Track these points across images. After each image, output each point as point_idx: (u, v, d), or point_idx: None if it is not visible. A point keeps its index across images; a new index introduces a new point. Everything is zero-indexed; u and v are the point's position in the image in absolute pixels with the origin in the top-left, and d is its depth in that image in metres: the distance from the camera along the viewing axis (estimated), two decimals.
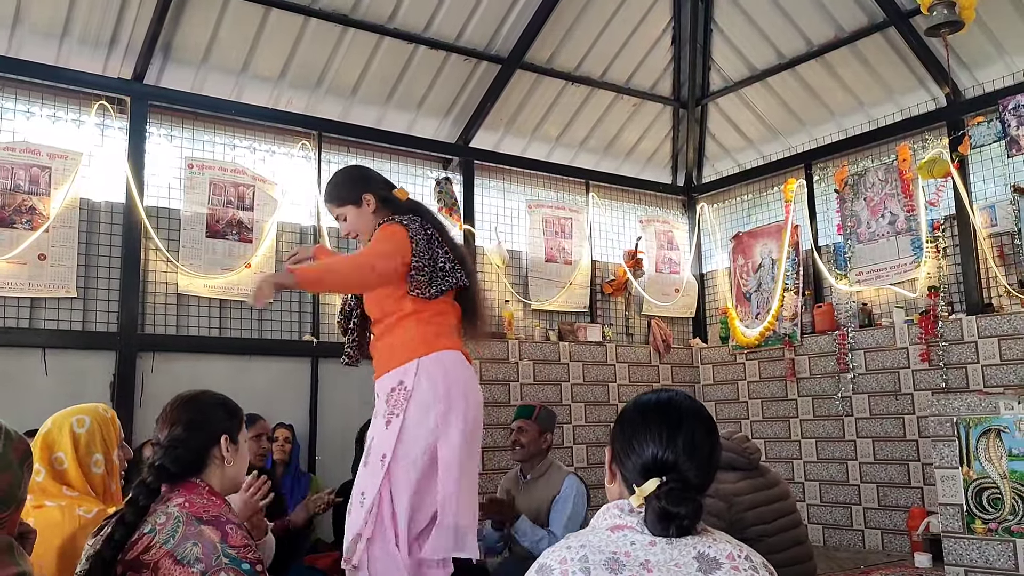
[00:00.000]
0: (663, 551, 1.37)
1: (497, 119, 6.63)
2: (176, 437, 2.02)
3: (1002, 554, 4.11)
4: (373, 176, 3.12)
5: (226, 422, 2.11)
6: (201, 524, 1.85)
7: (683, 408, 1.50)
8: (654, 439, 1.45)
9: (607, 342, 6.99)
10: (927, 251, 6.04)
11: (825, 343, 6.54)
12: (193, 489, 1.97)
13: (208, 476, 2.04)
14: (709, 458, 1.47)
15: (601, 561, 1.35)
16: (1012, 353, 5.47)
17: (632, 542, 1.38)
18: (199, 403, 2.12)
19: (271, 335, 5.61)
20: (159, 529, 1.84)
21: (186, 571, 1.77)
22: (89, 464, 2.40)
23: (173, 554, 1.79)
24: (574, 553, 1.37)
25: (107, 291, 5.08)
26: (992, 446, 4.18)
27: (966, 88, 6.01)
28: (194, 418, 2.06)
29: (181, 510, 1.88)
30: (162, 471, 1.96)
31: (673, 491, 1.39)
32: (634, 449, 1.47)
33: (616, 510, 1.44)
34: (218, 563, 1.79)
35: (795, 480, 6.63)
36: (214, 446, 2.05)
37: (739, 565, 1.38)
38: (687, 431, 1.45)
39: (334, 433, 5.56)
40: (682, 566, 1.35)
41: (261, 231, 5.61)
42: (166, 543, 1.81)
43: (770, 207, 7.31)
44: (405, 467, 2.67)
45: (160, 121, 5.41)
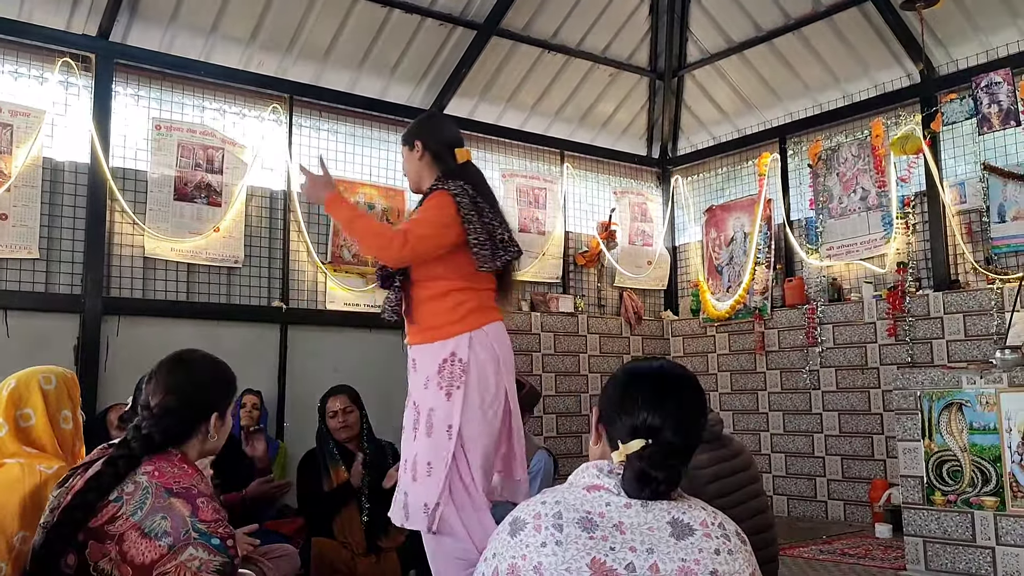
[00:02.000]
0: (637, 514, 1.37)
1: (472, 86, 6.56)
2: (168, 407, 1.93)
3: (960, 525, 4.19)
4: (438, 127, 3.09)
5: (221, 397, 2.03)
6: (171, 496, 1.78)
7: (675, 376, 1.52)
8: (644, 404, 1.46)
9: (579, 313, 7.00)
10: (897, 227, 6.09)
11: (795, 317, 6.59)
12: (165, 457, 1.89)
13: (188, 447, 1.96)
14: (695, 427, 1.48)
15: (575, 519, 1.35)
16: (976, 329, 5.55)
17: (607, 503, 1.39)
18: (198, 373, 2.02)
19: (240, 300, 5.55)
20: (126, 499, 1.78)
21: (152, 544, 1.71)
22: (59, 420, 2.42)
23: (140, 527, 1.73)
24: (548, 509, 1.38)
25: (71, 253, 4.99)
26: (954, 420, 4.24)
27: (940, 65, 6.03)
28: (191, 391, 1.97)
29: (150, 480, 1.81)
30: (149, 440, 1.87)
31: (655, 454, 1.40)
32: (624, 411, 1.48)
33: (594, 470, 1.45)
34: (187, 537, 1.73)
35: (761, 452, 6.70)
36: (204, 422, 1.98)
37: (712, 532, 1.38)
38: (676, 399, 1.47)
39: (302, 400, 5.52)
40: (655, 530, 1.36)
41: (230, 195, 5.52)
42: (133, 515, 1.75)
43: (744, 181, 7.33)
44: (475, 434, 2.77)
45: (127, 80, 5.29)
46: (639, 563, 1.31)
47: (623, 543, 1.33)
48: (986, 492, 4.11)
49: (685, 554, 1.33)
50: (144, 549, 1.71)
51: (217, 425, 2.00)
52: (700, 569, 1.32)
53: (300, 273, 5.81)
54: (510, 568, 1.34)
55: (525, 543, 1.35)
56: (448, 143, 3.02)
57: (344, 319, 5.89)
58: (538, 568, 1.31)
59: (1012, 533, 4.02)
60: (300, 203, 5.80)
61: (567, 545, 1.32)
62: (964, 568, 4.15)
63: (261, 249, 5.67)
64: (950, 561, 4.21)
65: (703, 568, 1.33)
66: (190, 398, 1.95)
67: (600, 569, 1.30)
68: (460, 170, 2.96)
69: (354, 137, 6.20)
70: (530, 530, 1.36)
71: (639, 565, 1.31)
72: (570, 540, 1.33)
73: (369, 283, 5.97)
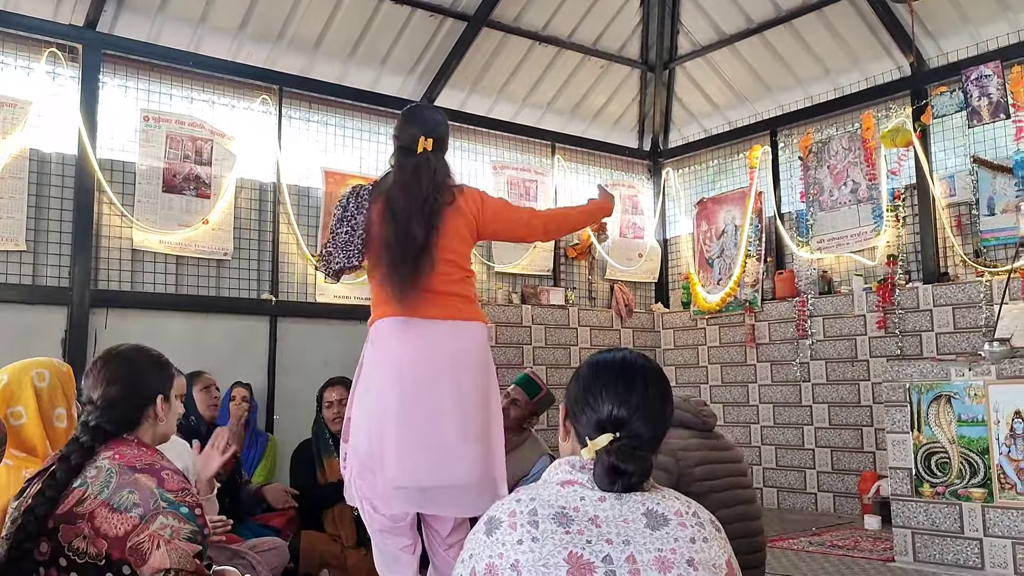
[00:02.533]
0: (612, 507, 1.37)
1: (463, 78, 6.54)
2: (113, 397, 1.94)
3: (948, 516, 4.21)
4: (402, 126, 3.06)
5: (162, 381, 2.05)
6: (135, 472, 1.81)
7: (638, 367, 1.51)
8: (609, 396, 1.45)
9: (569, 305, 7.00)
10: (887, 220, 6.10)
11: (785, 309, 6.60)
12: (122, 443, 1.92)
13: (140, 433, 1.98)
14: (661, 417, 1.48)
15: (550, 515, 1.35)
16: (965, 322, 5.57)
17: (582, 497, 1.38)
18: (134, 361, 2.04)
19: (229, 293, 5.52)
20: (91, 481, 1.80)
21: (124, 517, 1.74)
22: (52, 418, 2.37)
23: (108, 503, 1.75)
24: (523, 507, 1.37)
25: (58, 245, 4.96)
26: (942, 412, 4.26)
27: (930, 58, 6.03)
28: (131, 377, 1.99)
29: (112, 462, 1.83)
30: (98, 431, 1.90)
31: (624, 448, 1.40)
32: (589, 405, 1.47)
33: (567, 466, 1.44)
34: (156, 507, 1.75)
35: (752, 444, 6.72)
36: (150, 405, 2.00)
37: (686, 521, 1.38)
38: (641, 389, 1.46)
39: (292, 393, 5.51)
40: (631, 522, 1.35)
41: (219, 187, 5.49)
42: (100, 493, 1.77)
43: (735, 173, 7.33)
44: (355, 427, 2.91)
45: (114, 71, 5.25)
46: (616, 555, 1.31)
47: (599, 536, 1.33)
48: (974, 484, 4.13)
49: (661, 544, 1.33)
50: (116, 522, 1.73)
51: (165, 408, 2.03)
52: (676, 558, 1.32)
53: (290, 265, 5.78)
54: (487, 568, 1.34)
55: (501, 541, 1.34)
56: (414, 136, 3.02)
57: (334, 311, 5.87)
58: (515, 566, 1.31)
59: (1000, 524, 4.04)
60: (289, 195, 5.77)
61: (543, 541, 1.32)
62: (952, 559, 4.18)
63: (251, 242, 5.65)
64: (938, 552, 4.23)
65: (679, 557, 1.32)
66: (132, 384, 1.98)
67: (577, 563, 1.29)
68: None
69: (344, 129, 6.17)
70: (506, 528, 1.36)
71: (616, 557, 1.31)
72: (546, 536, 1.32)
73: (359, 276, 5.93)
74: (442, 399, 2.78)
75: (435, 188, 2.86)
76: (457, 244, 2.89)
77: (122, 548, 1.72)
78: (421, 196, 2.83)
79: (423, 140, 2.92)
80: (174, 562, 1.73)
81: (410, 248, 2.77)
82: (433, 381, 2.78)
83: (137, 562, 1.71)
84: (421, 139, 2.92)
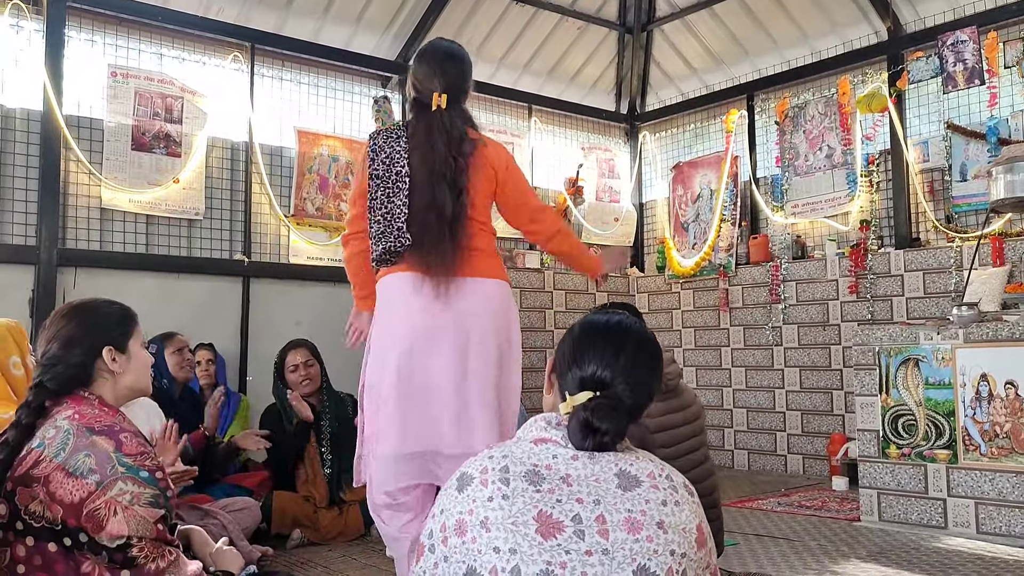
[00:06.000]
0: (584, 466, 1.37)
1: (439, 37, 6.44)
2: (52, 355, 1.90)
3: (913, 477, 4.29)
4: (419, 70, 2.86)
5: (107, 332, 1.96)
6: (93, 435, 1.77)
7: (630, 331, 1.51)
8: (596, 357, 1.46)
9: (545, 269, 6.99)
10: (861, 185, 6.13)
11: (759, 274, 6.64)
12: (82, 401, 1.87)
13: (98, 388, 1.93)
14: (647, 383, 1.48)
15: (521, 472, 1.35)
16: (936, 287, 5.63)
17: (554, 455, 1.39)
18: (77, 315, 1.97)
19: (201, 253, 5.46)
20: (48, 443, 1.76)
21: (79, 483, 1.70)
22: (8, 366, 2.42)
23: (64, 467, 1.71)
24: (495, 463, 1.37)
25: (24, 203, 4.86)
26: (910, 375, 4.32)
27: (907, 22, 6.03)
28: (71, 333, 1.92)
29: (71, 422, 1.79)
30: (41, 389, 1.85)
31: (602, 406, 1.40)
32: (576, 363, 1.47)
33: (543, 422, 1.45)
34: (114, 472, 1.72)
35: (723, 407, 6.80)
36: (95, 359, 1.93)
37: (659, 484, 1.39)
38: (629, 354, 1.46)
39: (265, 353, 5.45)
40: (602, 481, 1.36)
41: (190, 146, 5.40)
42: (56, 456, 1.73)
43: (711, 138, 7.32)
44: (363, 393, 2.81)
45: (80, 25, 5.12)
46: (585, 514, 1.31)
47: (570, 495, 1.33)
48: (939, 445, 4.20)
49: (632, 505, 1.33)
50: (71, 488, 1.70)
51: (121, 360, 1.95)
52: (646, 520, 1.33)
53: (263, 226, 5.72)
54: (457, 523, 1.34)
55: (472, 498, 1.35)
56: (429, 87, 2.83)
57: (307, 273, 5.83)
58: (485, 522, 1.31)
59: (963, 485, 4.12)
60: (262, 155, 5.69)
61: (514, 499, 1.32)
62: (916, 519, 4.26)
63: (223, 201, 5.58)
64: (903, 512, 4.31)
65: (649, 519, 1.33)
66: (72, 340, 1.91)
67: (547, 521, 1.30)
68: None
69: (318, 88, 6.08)
70: (477, 485, 1.36)
71: (585, 516, 1.31)
72: (517, 493, 1.32)
73: (332, 237, 5.90)
74: (448, 362, 2.63)
75: (453, 148, 2.70)
76: (479, 199, 2.75)
77: (78, 515, 1.68)
78: (440, 160, 2.68)
79: (436, 96, 2.75)
80: (132, 529, 1.70)
81: (440, 219, 2.64)
82: (441, 341, 2.63)
83: (94, 529, 1.68)
84: (435, 95, 2.75)
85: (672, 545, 1.32)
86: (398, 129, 2.78)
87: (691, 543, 1.35)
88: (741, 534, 4.25)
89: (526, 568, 1.27)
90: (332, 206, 5.93)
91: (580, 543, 1.29)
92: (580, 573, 1.27)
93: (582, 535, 1.29)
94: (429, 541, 1.39)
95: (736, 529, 4.35)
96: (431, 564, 1.37)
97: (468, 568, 1.30)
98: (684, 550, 1.34)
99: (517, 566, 1.27)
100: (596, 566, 1.28)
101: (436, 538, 1.37)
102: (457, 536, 1.33)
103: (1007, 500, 3.98)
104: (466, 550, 1.31)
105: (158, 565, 1.73)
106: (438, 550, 1.36)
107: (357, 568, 3.66)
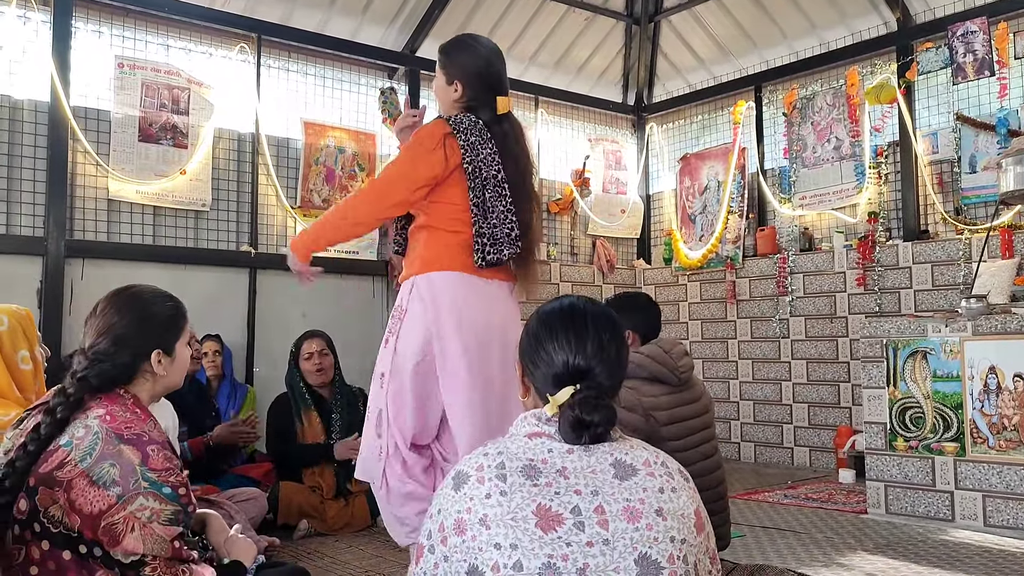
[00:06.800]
0: (580, 458, 1.37)
1: (445, 28, 6.43)
2: (101, 351, 1.82)
3: (920, 470, 4.27)
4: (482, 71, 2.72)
5: (159, 334, 1.90)
6: (121, 443, 1.71)
7: (588, 312, 1.48)
8: (562, 346, 1.43)
9: (552, 261, 6.99)
10: (869, 177, 6.10)
11: (766, 266, 6.62)
12: (116, 400, 1.81)
13: (137, 388, 1.87)
14: (618, 359, 1.46)
15: (518, 468, 1.34)
16: (944, 279, 5.60)
17: (549, 449, 1.38)
18: (132, 310, 1.89)
19: (208, 244, 5.47)
20: (76, 444, 1.71)
21: (101, 493, 1.66)
22: (16, 361, 2.38)
23: (88, 474, 1.67)
24: (491, 460, 1.37)
25: (32, 194, 4.87)
26: (918, 367, 4.30)
27: (917, 13, 5.98)
28: (123, 332, 1.85)
29: (101, 424, 1.73)
30: (85, 383, 1.78)
31: (587, 399, 1.38)
32: (543, 359, 1.45)
33: (534, 418, 1.43)
34: (136, 487, 1.67)
35: (730, 399, 6.78)
36: (144, 361, 1.87)
37: (655, 471, 1.38)
38: (594, 335, 1.44)
39: (272, 345, 5.50)
40: (599, 472, 1.35)
41: (197, 137, 5.41)
42: (82, 461, 1.68)
43: (719, 129, 7.29)
44: (397, 390, 2.66)
45: (87, 16, 5.12)
46: (584, 506, 1.31)
47: (567, 487, 1.32)
48: (947, 438, 4.19)
49: (629, 494, 1.33)
50: (92, 499, 1.66)
51: (165, 363, 1.90)
52: (645, 508, 1.32)
53: (269, 217, 5.73)
54: (456, 523, 1.33)
55: (469, 496, 1.33)
56: (494, 89, 2.73)
57: (313, 264, 5.78)
58: (484, 520, 1.30)
59: (971, 478, 4.11)
60: (269, 146, 5.69)
61: (511, 494, 1.31)
62: (923, 512, 4.25)
63: (229, 192, 5.58)
64: (910, 505, 4.30)
65: (648, 507, 1.32)
66: (124, 339, 1.84)
67: (546, 515, 1.29)
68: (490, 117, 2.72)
69: (324, 79, 6.07)
70: (473, 483, 1.35)
71: (584, 508, 1.31)
72: (514, 489, 1.32)
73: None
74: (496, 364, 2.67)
75: (529, 159, 2.78)
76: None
77: (95, 528, 1.66)
78: (528, 173, 2.73)
79: (507, 101, 2.72)
80: (148, 548, 1.67)
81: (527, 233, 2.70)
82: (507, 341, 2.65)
83: (110, 543, 1.65)
84: (507, 99, 2.72)
85: (672, 532, 1.32)
86: (474, 125, 2.66)
87: (690, 528, 1.35)
88: (748, 526, 4.25)
89: (528, 562, 1.26)
90: (338, 197, 5.92)
91: (580, 535, 1.29)
92: (582, 564, 1.27)
93: (582, 527, 1.29)
94: (428, 542, 1.38)
95: (743, 521, 4.35)
96: (431, 564, 1.36)
97: (470, 566, 1.30)
98: (684, 536, 1.33)
99: (519, 561, 1.26)
100: (598, 557, 1.28)
101: (435, 538, 1.36)
102: (457, 535, 1.32)
103: (1015, 493, 3.96)
104: (467, 548, 1.31)
105: None
106: (438, 550, 1.35)
107: (364, 558, 3.66)
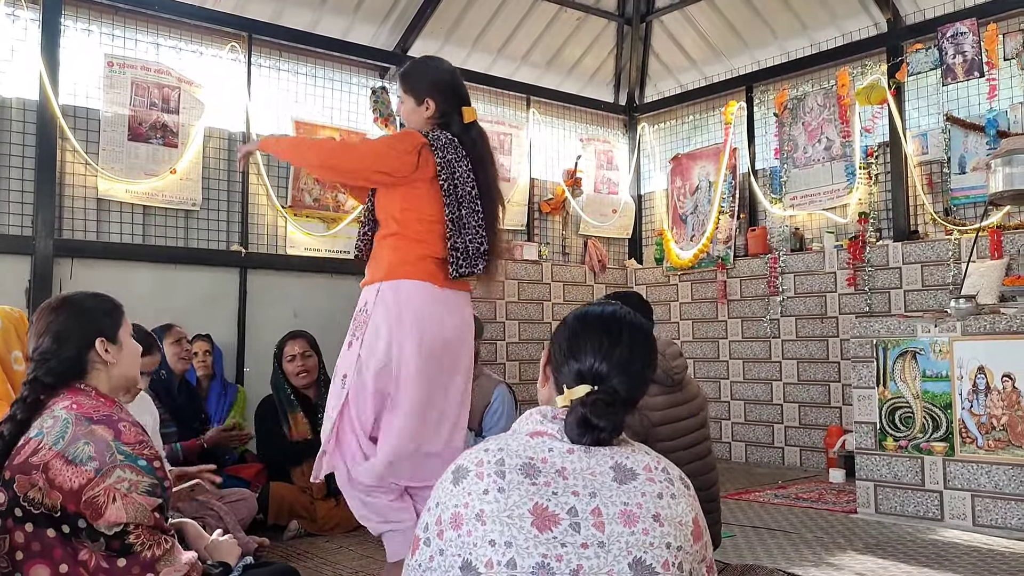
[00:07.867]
0: (580, 459, 1.37)
1: (436, 28, 6.43)
2: (45, 349, 1.91)
3: (910, 469, 4.29)
4: (449, 84, 2.93)
5: (97, 324, 1.97)
6: (92, 424, 1.78)
7: (625, 323, 1.50)
8: (592, 349, 1.45)
9: (543, 261, 6.99)
10: (860, 177, 6.12)
11: (757, 266, 6.63)
12: (79, 392, 1.88)
13: (93, 380, 1.94)
14: (642, 375, 1.47)
15: (517, 465, 1.35)
16: (934, 279, 5.62)
17: (550, 449, 1.38)
18: (66, 309, 1.97)
19: (198, 244, 5.45)
20: (47, 431, 1.77)
21: (79, 470, 1.71)
22: (10, 362, 2.39)
23: (63, 454, 1.72)
24: (491, 456, 1.37)
25: (20, 193, 4.84)
26: (908, 367, 4.32)
27: (907, 14, 6.01)
28: (62, 327, 1.93)
29: (69, 412, 1.80)
30: (37, 384, 1.86)
31: (599, 402, 1.39)
32: (572, 355, 1.46)
33: (538, 416, 1.44)
34: (112, 460, 1.73)
35: (721, 399, 6.80)
36: (89, 351, 1.94)
37: (655, 476, 1.38)
38: (625, 346, 1.45)
39: (263, 345, 5.46)
40: (598, 475, 1.35)
41: (187, 136, 5.38)
42: (55, 444, 1.74)
43: (710, 129, 7.30)
44: (359, 389, 2.74)
45: (76, 14, 5.09)
46: (581, 507, 1.31)
47: (565, 488, 1.33)
48: (936, 438, 4.21)
49: (627, 498, 1.33)
50: (70, 475, 1.71)
51: (113, 351, 1.96)
52: (642, 513, 1.32)
53: (260, 217, 5.71)
54: (453, 516, 1.34)
55: (467, 491, 1.34)
56: (459, 101, 2.92)
57: (305, 264, 5.82)
58: (480, 515, 1.31)
59: (960, 477, 4.13)
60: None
61: (509, 492, 1.31)
62: (912, 511, 4.27)
63: (220, 192, 5.56)
64: (899, 504, 4.32)
65: (645, 512, 1.32)
66: (64, 334, 1.92)
67: (542, 514, 1.29)
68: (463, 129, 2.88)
69: (315, 78, 6.05)
70: (472, 478, 1.35)
71: (581, 509, 1.31)
72: (512, 486, 1.32)
73: (330, 228, 5.90)
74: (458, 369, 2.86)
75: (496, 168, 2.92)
76: None
77: (77, 501, 1.70)
78: (496, 185, 2.87)
79: (471, 111, 2.88)
80: (130, 516, 1.71)
81: (492, 250, 2.85)
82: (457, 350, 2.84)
83: (93, 516, 1.69)
84: (471, 109, 2.88)
85: (668, 538, 1.32)
86: (451, 142, 2.81)
87: (687, 536, 1.35)
88: (738, 526, 4.26)
89: (522, 561, 1.26)
90: (329, 197, 5.91)
91: (576, 536, 1.29)
92: (576, 566, 1.27)
93: (578, 528, 1.29)
94: (424, 534, 1.38)
95: (733, 521, 4.36)
96: (426, 557, 1.37)
97: (464, 561, 1.30)
98: (680, 543, 1.33)
99: (513, 559, 1.27)
100: (592, 559, 1.28)
101: (431, 531, 1.37)
102: (453, 529, 1.33)
103: (1003, 492, 3.98)
104: (462, 543, 1.31)
105: (154, 553, 1.74)
106: (434, 543, 1.36)
107: (354, 559, 3.66)
